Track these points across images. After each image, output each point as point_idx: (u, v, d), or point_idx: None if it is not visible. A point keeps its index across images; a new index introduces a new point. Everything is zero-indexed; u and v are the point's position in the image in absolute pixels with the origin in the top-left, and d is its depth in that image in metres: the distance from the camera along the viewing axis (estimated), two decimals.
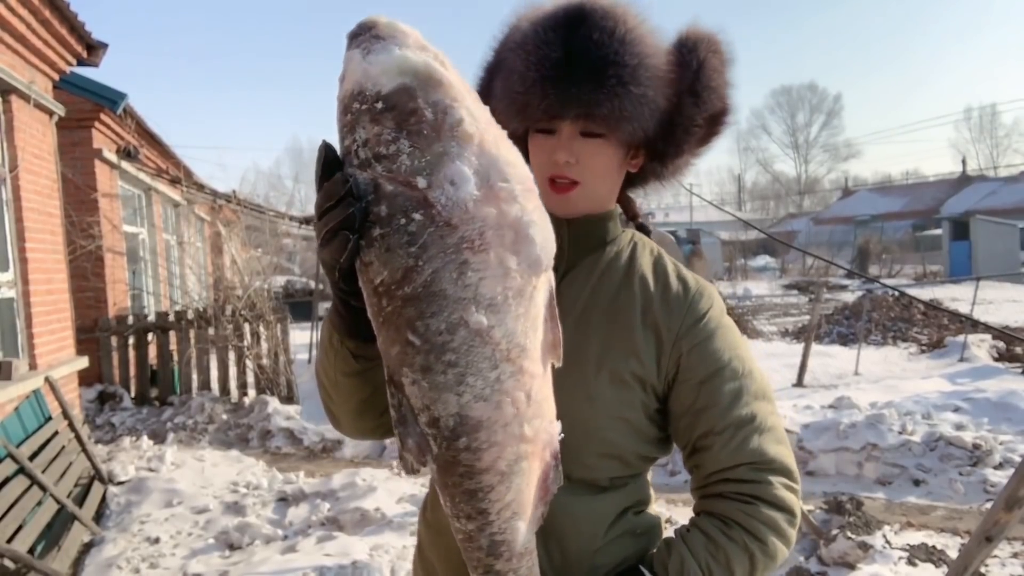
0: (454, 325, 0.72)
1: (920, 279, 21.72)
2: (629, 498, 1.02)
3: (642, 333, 0.98)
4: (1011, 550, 3.71)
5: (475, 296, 0.71)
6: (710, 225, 36.93)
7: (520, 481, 0.80)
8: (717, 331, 0.99)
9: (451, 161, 0.70)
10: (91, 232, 7.04)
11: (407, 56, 0.71)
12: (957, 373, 7.99)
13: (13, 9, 4.25)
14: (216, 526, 4.20)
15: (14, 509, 3.50)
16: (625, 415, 0.97)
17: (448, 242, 0.70)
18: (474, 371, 0.73)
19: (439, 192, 0.70)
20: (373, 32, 0.72)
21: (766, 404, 0.98)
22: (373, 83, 0.71)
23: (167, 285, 9.29)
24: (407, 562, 3.63)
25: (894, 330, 11.07)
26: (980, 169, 48.05)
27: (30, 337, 4.66)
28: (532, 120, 0.97)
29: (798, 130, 60.98)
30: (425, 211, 0.70)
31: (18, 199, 4.59)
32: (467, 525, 0.82)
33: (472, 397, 0.74)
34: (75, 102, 6.39)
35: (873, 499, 4.47)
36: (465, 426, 0.75)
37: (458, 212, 0.70)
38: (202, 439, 6.36)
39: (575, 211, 1.02)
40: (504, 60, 1.00)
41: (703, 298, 1.01)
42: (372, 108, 0.70)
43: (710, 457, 0.96)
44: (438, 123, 0.71)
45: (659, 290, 1.01)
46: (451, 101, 0.72)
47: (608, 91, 0.93)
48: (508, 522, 0.81)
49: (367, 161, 0.71)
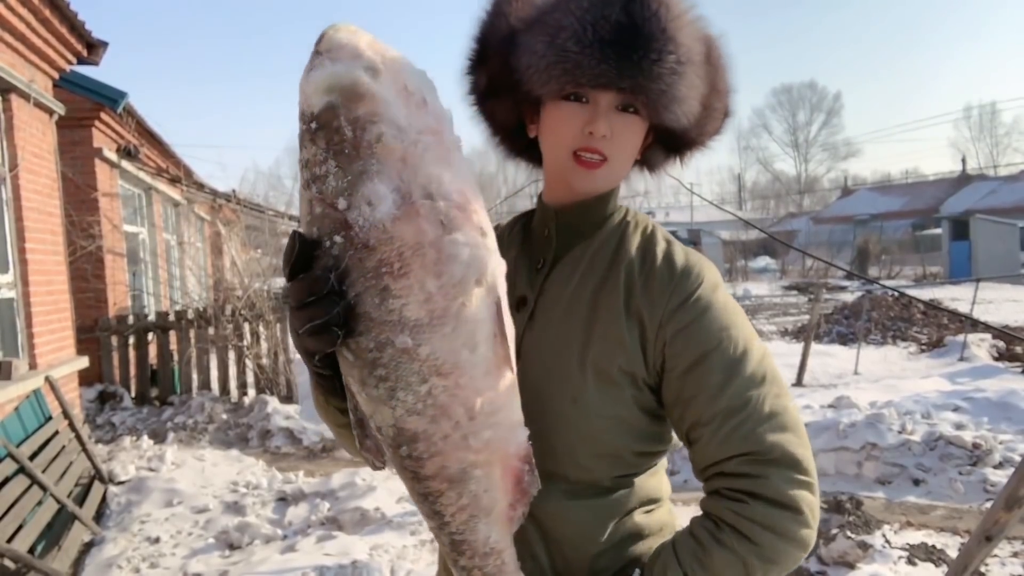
0: (382, 344, 0.72)
1: (920, 280, 21.73)
2: (636, 497, 0.96)
3: (626, 324, 0.92)
4: (1011, 549, 3.71)
5: (399, 320, 0.71)
6: (711, 225, 36.94)
7: (475, 487, 0.80)
8: (706, 312, 0.90)
9: (368, 180, 0.69)
10: (91, 232, 7.04)
11: (334, 72, 0.70)
12: (957, 372, 7.99)
13: (13, 8, 4.25)
14: (216, 526, 4.20)
15: (14, 509, 3.50)
16: (616, 413, 0.92)
17: (367, 265, 0.70)
18: (404, 386, 0.73)
19: (356, 213, 0.69)
20: (316, 47, 0.72)
21: (765, 387, 0.88)
22: (308, 103, 0.71)
23: (167, 285, 9.30)
24: (407, 561, 3.63)
25: (894, 329, 11.07)
26: (980, 168, 48.05)
27: (30, 337, 4.66)
28: (578, 84, 0.89)
29: (798, 129, 61.05)
30: (345, 233, 0.70)
31: (18, 198, 4.59)
32: (429, 523, 0.84)
33: (405, 411, 0.74)
34: (75, 101, 6.38)
35: (873, 498, 4.47)
36: (403, 436, 0.76)
37: (375, 234, 0.69)
38: (202, 439, 6.36)
39: (595, 190, 0.97)
40: (543, 14, 0.91)
41: (690, 277, 0.92)
42: (309, 128, 0.71)
43: (700, 450, 0.89)
44: (357, 141, 0.69)
45: (643, 274, 0.94)
46: (372, 116, 0.70)
47: (667, 68, 0.88)
48: (465, 524, 0.82)
49: (307, 182, 0.71)
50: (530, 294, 0.99)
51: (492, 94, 0.99)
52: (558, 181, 0.99)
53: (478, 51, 0.99)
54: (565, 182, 0.97)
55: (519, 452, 0.82)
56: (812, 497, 0.85)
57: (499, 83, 0.97)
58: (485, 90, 1.00)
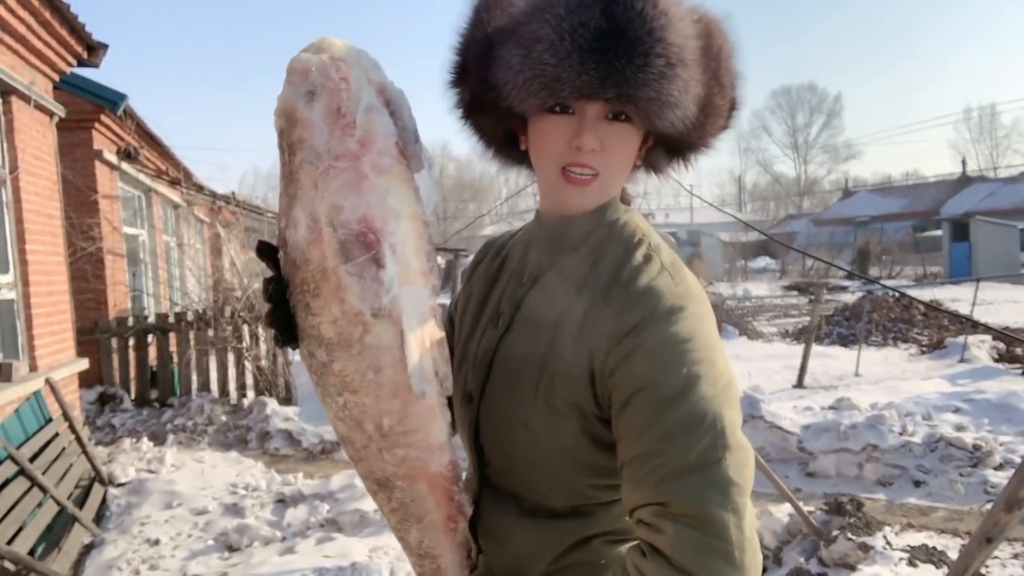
0: (311, 353, 0.82)
1: (920, 280, 21.73)
2: (597, 525, 0.90)
3: (574, 352, 0.85)
4: (1012, 551, 3.70)
5: (318, 335, 0.80)
6: (711, 227, 36.96)
7: (401, 495, 0.87)
8: (650, 341, 0.80)
9: (294, 204, 0.77)
10: (91, 234, 7.04)
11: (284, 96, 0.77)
12: (957, 374, 7.98)
13: (13, 10, 4.25)
14: (215, 528, 4.20)
15: (14, 511, 3.49)
16: (564, 445, 0.86)
17: (296, 281, 0.79)
18: (328, 393, 0.83)
19: (289, 232, 0.77)
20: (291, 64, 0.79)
21: (699, 433, 0.75)
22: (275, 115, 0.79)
23: (167, 287, 9.30)
24: (406, 563, 3.62)
25: (894, 331, 11.07)
26: (980, 170, 48.04)
27: (30, 339, 4.66)
28: (559, 97, 0.83)
29: (798, 131, 61.07)
30: (284, 249, 0.79)
31: (18, 200, 4.59)
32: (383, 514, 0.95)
33: (333, 415, 0.85)
34: (75, 103, 6.39)
35: (873, 500, 4.46)
36: (340, 436, 0.86)
37: (298, 254, 0.77)
38: (201, 440, 6.36)
39: (588, 207, 0.90)
40: (518, 25, 0.85)
41: (641, 304, 0.82)
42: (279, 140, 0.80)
43: (623, 492, 0.81)
44: (289, 164, 0.77)
45: (604, 296, 0.86)
46: (299, 142, 0.76)
47: (655, 72, 0.80)
48: (399, 524, 0.90)
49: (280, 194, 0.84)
50: (508, 308, 0.96)
51: (476, 109, 0.94)
52: (549, 195, 0.94)
53: (458, 64, 0.93)
54: (555, 197, 0.92)
55: (443, 472, 0.87)
56: (724, 566, 0.72)
57: (479, 100, 0.91)
58: (469, 105, 0.94)
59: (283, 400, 7.26)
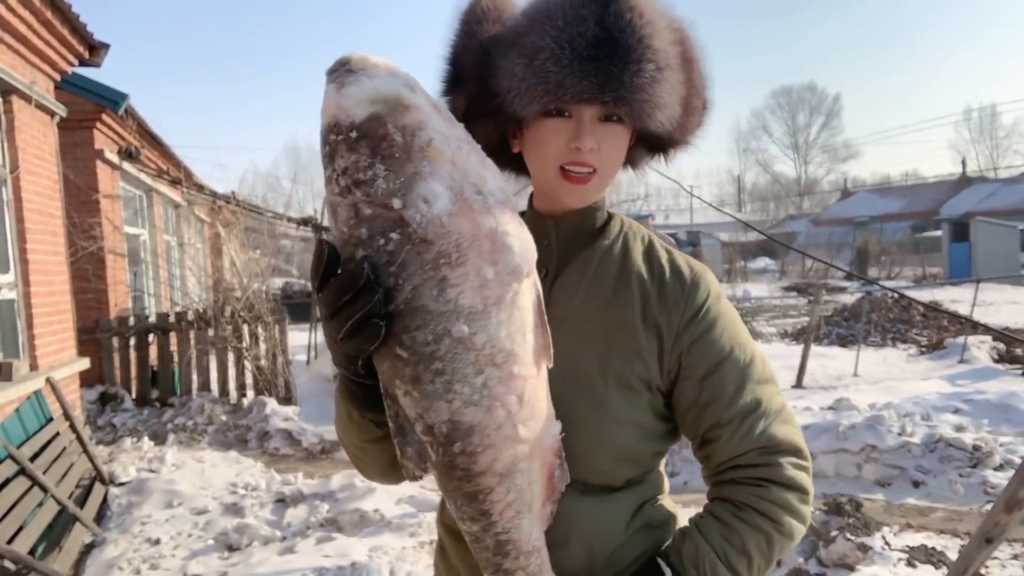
0: (439, 336, 0.75)
1: (920, 281, 21.73)
2: (645, 492, 1.02)
3: (644, 334, 0.96)
4: (1011, 552, 3.71)
5: (455, 308, 0.74)
6: (710, 227, 36.95)
7: (521, 481, 0.82)
8: (716, 321, 0.97)
9: (423, 180, 0.74)
10: (92, 233, 7.04)
11: (376, 86, 0.75)
12: (957, 374, 7.99)
13: (14, 10, 4.25)
14: (215, 527, 4.20)
15: (15, 510, 3.50)
16: (636, 419, 0.97)
17: (426, 258, 0.74)
18: (460, 378, 0.76)
19: (413, 211, 0.73)
20: (346, 67, 0.76)
21: (769, 387, 0.98)
22: (347, 114, 0.74)
23: (167, 286, 9.30)
24: (406, 563, 3.63)
25: (893, 331, 11.08)
26: (980, 170, 48.07)
27: (31, 338, 4.66)
28: (561, 102, 0.91)
29: (798, 131, 61.08)
30: (402, 230, 0.73)
31: (19, 200, 4.60)
32: (472, 527, 0.84)
33: (461, 403, 0.77)
34: (77, 103, 6.39)
35: (872, 500, 4.47)
36: (458, 431, 0.78)
37: (433, 228, 0.73)
38: (202, 440, 6.36)
39: (586, 202, 0.99)
40: (517, 36, 0.93)
41: (699, 288, 0.98)
42: (347, 138, 0.74)
43: (719, 448, 0.96)
44: (408, 145, 0.74)
45: (655, 285, 0.98)
46: (420, 124, 0.75)
47: (647, 76, 0.89)
48: (511, 521, 0.84)
49: (347, 188, 0.74)
50: None
51: (472, 116, 0.99)
52: (547, 195, 1.01)
53: (451, 73, 1.00)
54: (554, 196, 0.99)
55: (554, 445, 0.86)
56: (810, 478, 0.97)
57: (478, 106, 0.98)
58: (464, 112, 1.00)
59: (283, 400, 7.26)
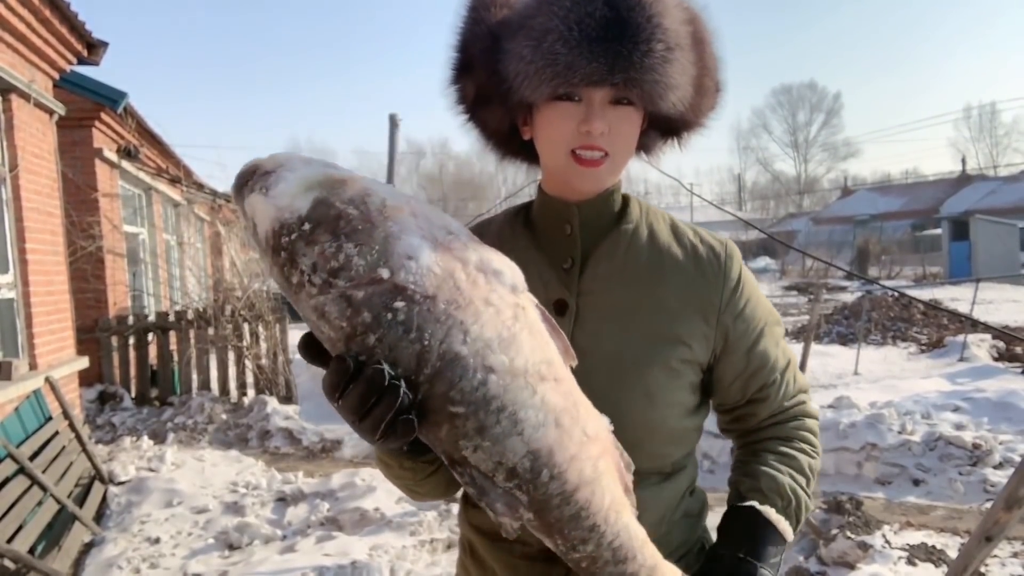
0: (485, 376, 0.72)
1: (920, 280, 21.72)
2: (687, 479, 1.05)
3: (685, 315, 0.97)
4: (1011, 550, 3.71)
5: (486, 344, 0.72)
6: (710, 225, 36.66)
7: (607, 480, 0.81)
8: (752, 292, 1.02)
9: (397, 239, 0.71)
10: (91, 232, 7.04)
11: (304, 174, 0.73)
12: (957, 373, 7.99)
13: (13, 8, 4.25)
14: (216, 526, 4.20)
15: (14, 509, 3.50)
16: (680, 400, 0.98)
17: (438, 311, 0.71)
18: (521, 405, 0.73)
19: (404, 273, 0.70)
20: (260, 171, 0.74)
21: (784, 338, 1.07)
22: (290, 211, 0.71)
23: (167, 285, 9.30)
24: (406, 562, 3.63)
25: (894, 330, 11.07)
26: (980, 168, 48.02)
27: (30, 337, 4.66)
28: (570, 84, 0.88)
29: (798, 129, 61.05)
30: (402, 296, 0.70)
31: (18, 199, 4.59)
32: (586, 548, 0.81)
33: (532, 429, 0.74)
34: (75, 101, 6.38)
35: (873, 499, 4.47)
36: (540, 459, 0.75)
37: (430, 280, 0.71)
38: (202, 439, 6.36)
39: (601, 186, 0.97)
40: (525, 19, 0.90)
41: (733, 260, 1.01)
42: (302, 233, 0.70)
43: (767, 405, 1.04)
44: (366, 214, 0.72)
45: (691, 263, 0.99)
46: (364, 190, 0.73)
47: (658, 57, 0.87)
48: (617, 523, 0.81)
49: (326, 282, 0.70)
50: (568, 296, 0.98)
51: (482, 103, 0.99)
52: (559, 180, 0.99)
53: (460, 60, 0.98)
54: (566, 181, 0.97)
55: (610, 435, 0.85)
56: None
57: (488, 92, 0.96)
58: (474, 100, 0.99)
59: (283, 399, 7.26)
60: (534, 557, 0.97)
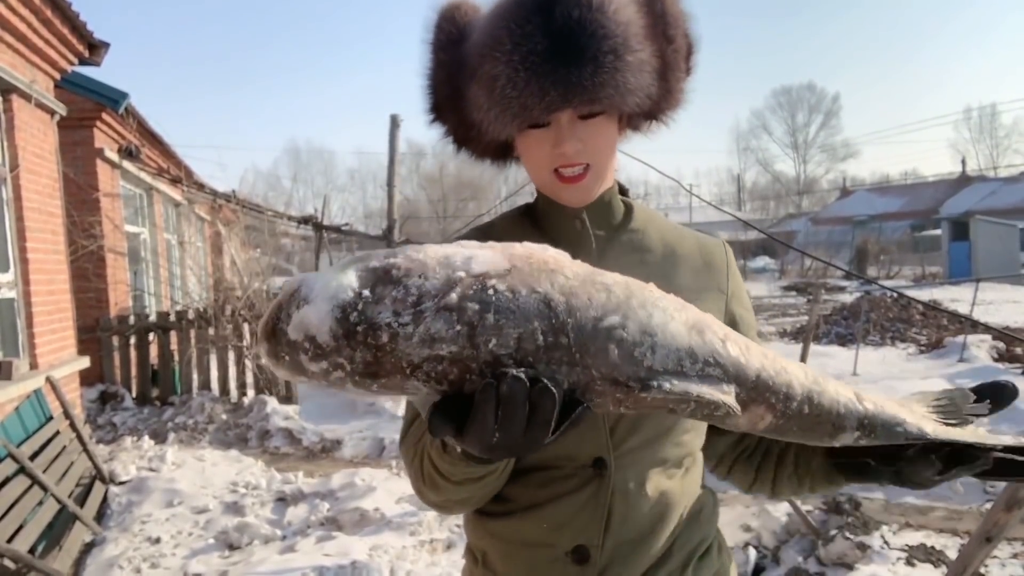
0: (607, 283, 0.73)
1: (919, 280, 21.72)
2: (701, 473, 1.06)
3: (704, 299, 0.99)
4: (1011, 551, 3.71)
5: (587, 274, 0.73)
6: (709, 226, 36.87)
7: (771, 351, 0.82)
8: (742, 282, 1.09)
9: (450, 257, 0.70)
10: (93, 232, 7.05)
11: (329, 272, 0.68)
12: (957, 374, 7.99)
13: (14, 8, 4.25)
14: (216, 526, 4.20)
15: (15, 509, 3.50)
16: None
17: (524, 274, 0.70)
18: (653, 297, 0.75)
19: (475, 264, 0.69)
20: (285, 300, 0.67)
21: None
22: (342, 292, 0.66)
23: (168, 285, 9.30)
24: (406, 562, 3.63)
25: (892, 331, 11.07)
26: (980, 169, 48.03)
27: (31, 337, 4.66)
28: (532, 120, 0.90)
29: (797, 130, 61.05)
30: (489, 279, 0.69)
31: (19, 199, 4.60)
32: (794, 403, 0.78)
33: (678, 310, 0.75)
34: (77, 101, 6.39)
35: (871, 499, 4.47)
36: (705, 330, 0.75)
37: (499, 263, 0.70)
38: (202, 439, 6.36)
39: (590, 196, 0.99)
40: (475, 68, 0.91)
41: (730, 253, 1.09)
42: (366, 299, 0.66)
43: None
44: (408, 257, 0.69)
45: (698, 255, 1.04)
46: (389, 251, 0.71)
47: (608, 69, 0.87)
48: (800, 370, 0.82)
49: (417, 313, 0.66)
50: None
51: (461, 142, 1.03)
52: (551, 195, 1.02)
53: (433, 102, 1.01)
54: (556, 197, 1.00)
55: None
56: None
57: (462, 134, 1.01)
58: (456, 132, 1.02)
59: (283, 399, 7.27)
60: (562, 559, 0.95)
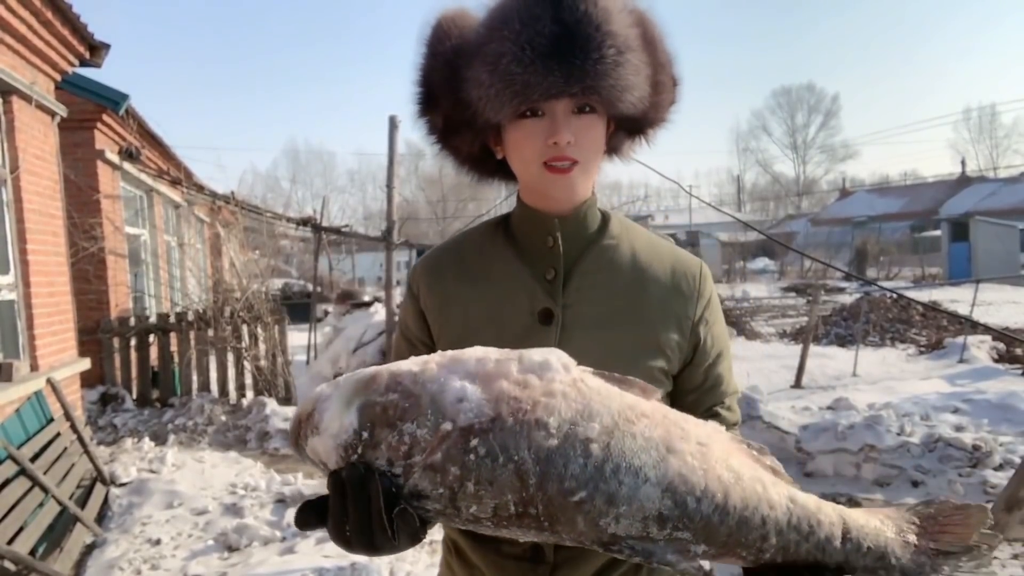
0: (584, 449, 0.72)
1: (919, 281, 21.72)
2: None
3: (664, 328, 1.00)
4: (1011, 551, 3.72)
5: (570, 424, 0.73)
6: (709, 227, 36.94)
7: (747, 472, 0.78)
8: (718, 315, 1.07)
9: (442, 392, 0.73)
10: (93, 233, 7.04)
11: (339, 395, 0.76)
12: (957, 374, 7.99)
13: (14, 10, 4.26)
14: (215, 528, 4.20)
15: (15, 510, 3.50)
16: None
17: (509, 426, 0.72)
18: (630, 453, 0.73)
19: (462, 415, 0.72)
20: (304, 419, 0.77)
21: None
22: (344, 432, 0.74)
23: (168, 287, 9.31)
24: (405, 563, 3.63)
25: (892, 331, 11.08)
26: (980, 170, 48.06)
27: (31, 339, 4.66)
28: (530, 101, 0.93)
29: (797, 131, 61.07)
30: (472, 434, 0.72)
31: (19, 200, 4.60)
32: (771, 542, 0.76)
33: (653, 468, 0.73)
34: (77, 103, 6.39)
35: (871, 500, 4.48)
36: (678, 490, 0.73)
37: (487, 407, 0.73)
38: (202, 440, 6.36)
39: (575, 192, 1.00)
40: (479, 46, 0.95)
41: (706, 280, 1.06)
42: (364, 443, 0.73)
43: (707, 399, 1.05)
44: (405, 391, 0.74)
45: (668, 278, 1.03)
46: (392, 374, 0.76)
47: (610, 62, 0.91)
48: (782, 502, 0.77)
49: (408, 468, 0.73)
50: (554, 306, 1.00)
51: (451, 131, 1.03)
52: (536, 192, 1.02)
53: (424, 94, 1.03)
54: (542, 192, 1.01)
55: (725, 434, 0.85)
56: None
57: (456, 120, 1.01)
58: (443, 129, 1.04)
59: (282, 400, 7.27)
60: (520, 556, 0.98)
